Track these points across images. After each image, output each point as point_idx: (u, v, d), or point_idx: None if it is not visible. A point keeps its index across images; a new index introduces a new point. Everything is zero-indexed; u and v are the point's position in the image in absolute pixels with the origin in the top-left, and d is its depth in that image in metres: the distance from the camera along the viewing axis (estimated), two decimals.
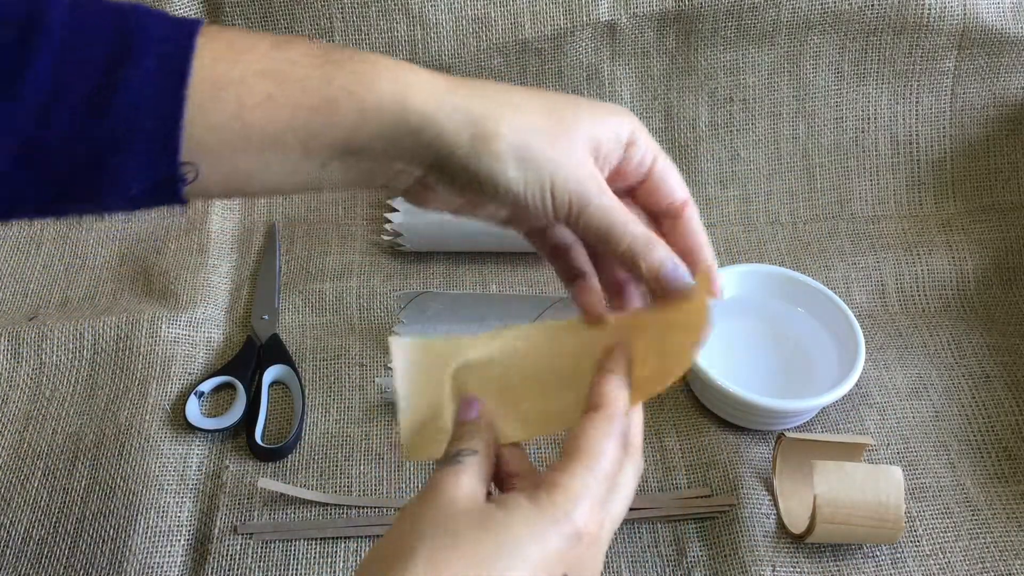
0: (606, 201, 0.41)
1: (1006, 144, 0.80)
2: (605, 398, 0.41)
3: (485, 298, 0.71)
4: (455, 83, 0.39)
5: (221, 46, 0.37)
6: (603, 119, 0.41)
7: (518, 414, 0.45)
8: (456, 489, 0.39)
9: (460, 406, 0.44)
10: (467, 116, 0.38)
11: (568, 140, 0.40)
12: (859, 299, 0.75)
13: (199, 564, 0.58)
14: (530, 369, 0.46)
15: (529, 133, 0.39)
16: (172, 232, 0.78)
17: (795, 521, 0.59)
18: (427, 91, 0.38)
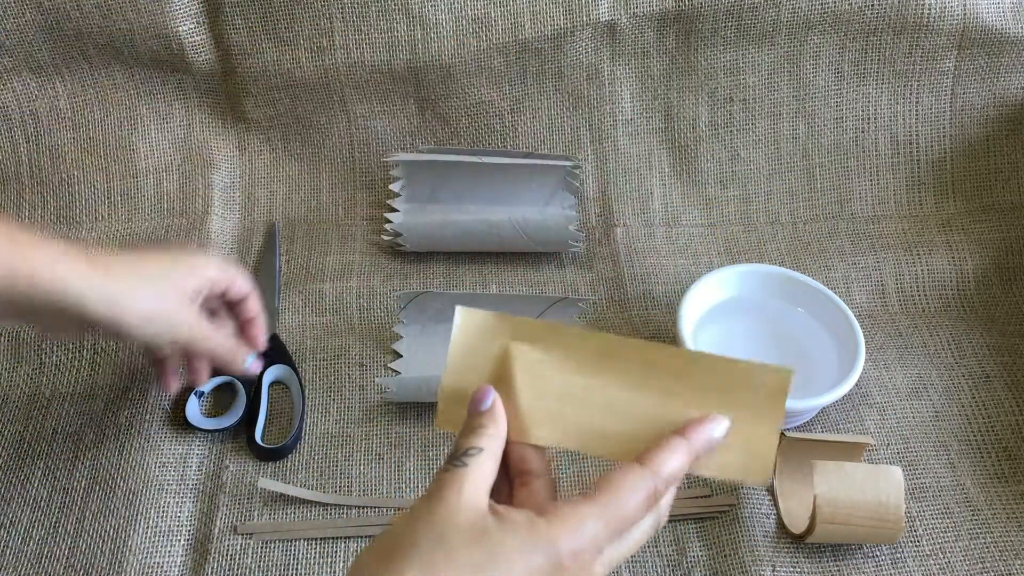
0: (199, 334, 0.58)
1: (1006, 144, 0.80)
2: (658, 462, 0.42)
3: (485, 298, 0.71)
4: (98, 265, 0.52)
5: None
6: (199, 273, 0.58)
7: (556, 419, 0.45)
8: (457, 497, 0.40)
9: (474, 395, 0.45)
10: (106, 297, 0.51)
11: (175, 295, 0.56)
12: (859, 299, 0.75)
13: (199, 564, 0.58)
14: (586, 380, 0.45)
15: (151, 302, 0.54)
16: (172, 232, 0.78)
17: (795, 521, 0.59)
18: (79, 276, 0.50)
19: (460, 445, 0.42)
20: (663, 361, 0.45)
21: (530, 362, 0.45)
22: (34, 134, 0.78)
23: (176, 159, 0.80)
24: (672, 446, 0.42)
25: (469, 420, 0.44)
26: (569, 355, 0.45)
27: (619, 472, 0.41)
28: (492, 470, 0.42)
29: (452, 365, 0.46)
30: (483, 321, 0.46)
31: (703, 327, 0.69)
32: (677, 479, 0.43)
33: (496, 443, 0.43)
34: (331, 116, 0.80)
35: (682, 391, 0.44)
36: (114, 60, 0.77)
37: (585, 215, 0.81)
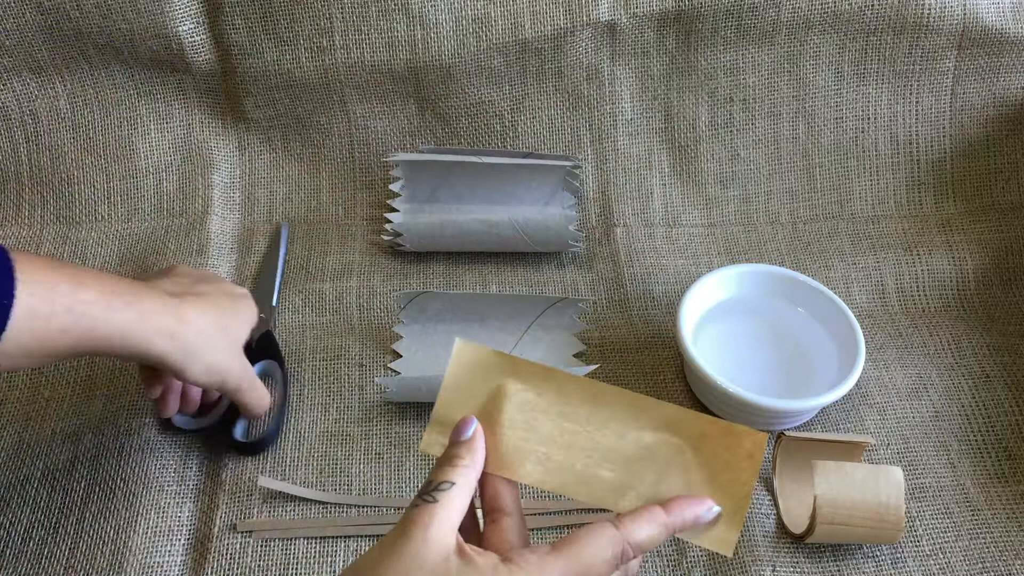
0: (246, 384, 0.59)
1: (1006, 144, 0.80)
2: (632, 529, 0.43)
3: (485, 298, 0.71)
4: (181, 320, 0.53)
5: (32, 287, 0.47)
6: (249, 322, 0.60)
7: (541, 459, 0.46)
8: (424, 535, 0.40)
9: (458, 424, 0.46)
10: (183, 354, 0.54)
11: (234, 347, 0.58)
12: (859, 299, 0.75)
13: (199, 563, 0.58)
14: (575, 425, 0.46)
15: (218, 355, 0.56)
16: (172, 232, 0.78)
17: (795, 521, 0.59)
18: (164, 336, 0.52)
19: (433, 478, 0.43)
20: (649, 413, 0.46)
21: (522, 400, 0.47)
22: (34, 134, 0.78)
23: (176, 159, 0.80)
24: (651, 517, 0.44)
25: (448, 449, 0.45)
26: (560, 398, 0.47)
27: (591, 530, 0.42)
28: (463, 506, 0.43)
29: (445, 395, 0.47)
30: (480, 355, 0.47)
31: (703, 327, 0.69)
32: (648, 549, 0.43)
33: (470, 476, 0.44)
34: (331, 116, 0.80)
35: (664, 447, 0.46)
36: (114, 60, 0.77)
37: (585, 215, 0.81)
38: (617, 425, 0.46)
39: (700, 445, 0.46)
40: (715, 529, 0.45)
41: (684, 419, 0.46)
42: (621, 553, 0.42)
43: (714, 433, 0.46)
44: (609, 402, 0.46)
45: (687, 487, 0.45)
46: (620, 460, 0.46)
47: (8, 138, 0.78)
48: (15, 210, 0.79)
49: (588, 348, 0.71)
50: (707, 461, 0.45)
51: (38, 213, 0.79)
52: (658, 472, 0.46)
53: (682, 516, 0.44)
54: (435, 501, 0.41)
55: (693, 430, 0.46)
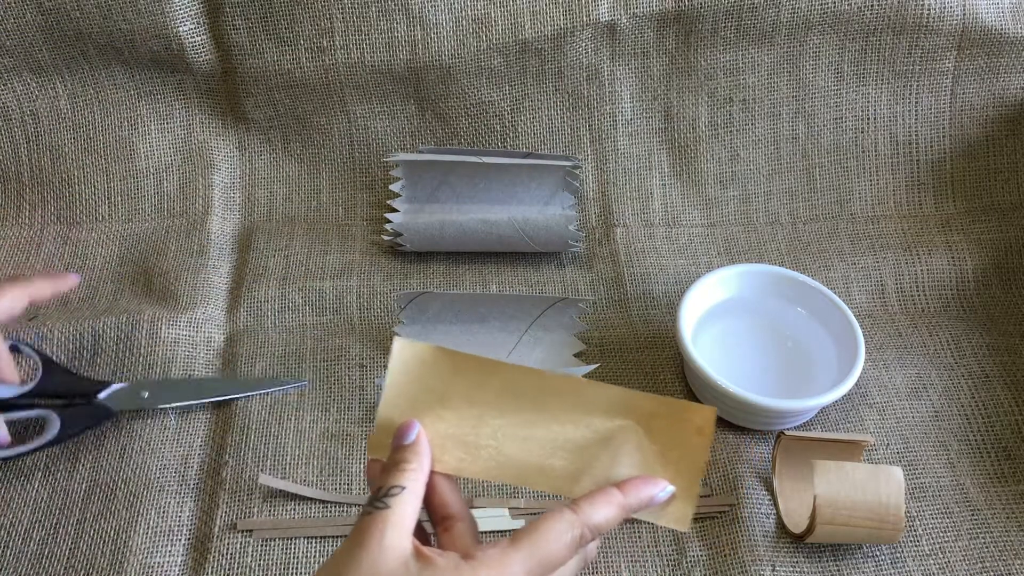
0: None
1: (1006, 144, 0.80)
2: (589, 511, 0.43)
3: (485, 298, 0.71)
4: None
5: None
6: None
7: (494, 453, 0.46)
8: (380, 542, 0.40)
9: (399, 428, 0.45)
10: None
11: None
12: (859, 299, 0.75)
13: (199, 563, 0.58)
14: (524, 416, 0.46)
15: None
16: (172, 233, 0.78)
17: (795, 521, 0.60)
18: None
19: (382, 484, 0.43)
20: (597, 398, 0.46)
21: (469, 396, 0.46)
22: (34, 134, 0.78)
23: (176, 159, 0.80)
24: (607, 499, 0.44)
25: (392, 455, 0.45)
26: (508, 390, 0.46)
27: (548, 517, 0.43)
28: (415, 509, 0.42)
29: (388, 396, 0.47)
30: (421, 353, 0.47)
31: (703, 327, 0.69)
32: (605, 530, 0.44)
33: (419, 478, 0.43)
34: (331, 116, 0.80)
35: (615, 430, 0.46)
36: (114, 60, 0.77)
37: (585, 215, 0.81)
38: (567, 413, 0.46)
39: (651, 425, 0.46)
40: (671, 507, 0.46)
41: (632, 401, 0.46)
42: (580, 536, 0.43)
43: (663, 412, 0.46)
44: (557, 391, 0.46)
45: (641, 467, 0.46)
46: (572, 447, 0.46)
47: (8, 138, 0.78)
48: (15, 210, 0.79)
49: (588, 348, 0.71)
50: (658, 440, 0.46)
51: (38, 213, 0.79)
52: (611, 455, 0.46)
53: (637, 496, 0.45)
54: (387, 507, 0.41)
55: (643, 411, 0.46)
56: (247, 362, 0.70)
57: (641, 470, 0.46)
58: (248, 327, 0.72)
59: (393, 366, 0.47)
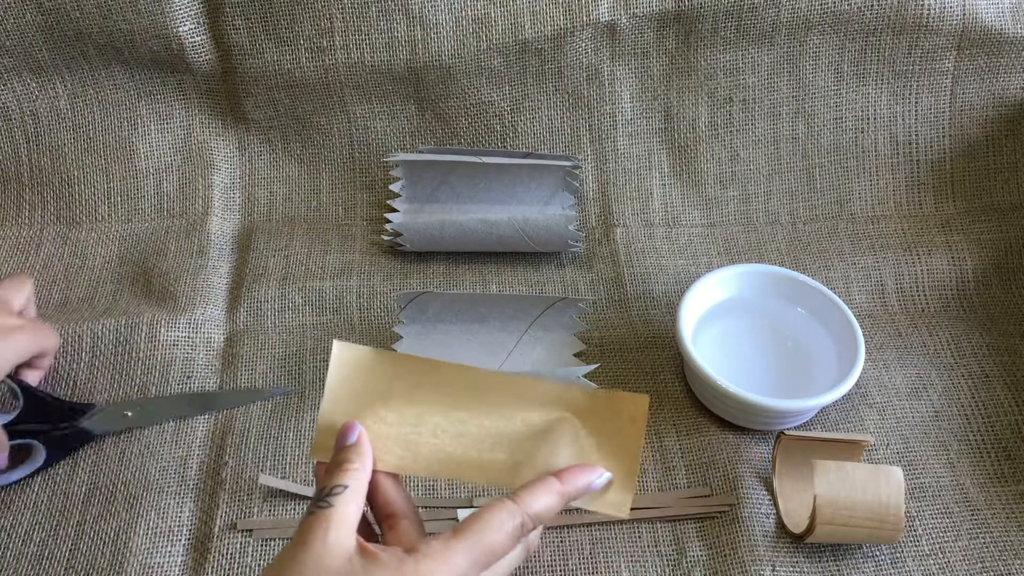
0: None
1: (1006, 144, 0.80)
2: (529, 501, 0.45)
3: (485, 298, 0.71)
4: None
5: None
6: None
7: (434, 450, 0.47)
8: (323, 540, 0.41)
9: (341, 429, 0.47)
10: None
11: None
12: (859, 299, 0.75)
13: (199, 564, 0.58)
14: (461, 413, 0.48)
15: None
16: (172, 233, 0.78)
17: (795, 521, 0.60)
18: None
19: (325, 484, 0.44)
20: (534, 393, 0.48)
21: (408, 396, 0.48)
22: (34, 134, 0.78)
23: (176, 159, 0.80)
24: (546, 487, 0.45)
25: (335, 456, 0.46)
26: (446, 389, 0.48)
27: (489, 508, 0.44)
28: (358, 507, 0.43)
29: (329, 398, 0.48)
30: (360, 356, 0.48)
31: (703, 327, 0.69)
32: (546, 518, 0.45)
33: (361, 477, 0.45)
34: (331, 116, 0.80)
35: (552, 423, 0.48)
36: (114, 60, 0.77)
37: (585, 215, 0.81)
38: (505, 408, 0.48)
39: (587, 417, 0.48)
40: (609, 494, 0.47)
41: (568, 395, 0.48)
42: (520, 525, 0.44)
43: (598, 405, 0.48)
44: (495, 388, 0.48)
45: (578, 457, 0.47)
46: (511, 441, 0.48)
47: (8, 138, 0.78)
48: (15, 210, 0.79)
49: (588, 348, 0.71)
50: (595, 431, 0.48)
51: (38, 213, 0.79)
52: (550, 447, 0.47)
53: (575, 484, 0.46)
54: (330, 506, 0.42)
55: (578, 405, 0.48)
56: (247, 363, 0.70)
57: (579, 460, 0.47)
58: (248, 327, 0.72)
59: (333, 369, 0.48)
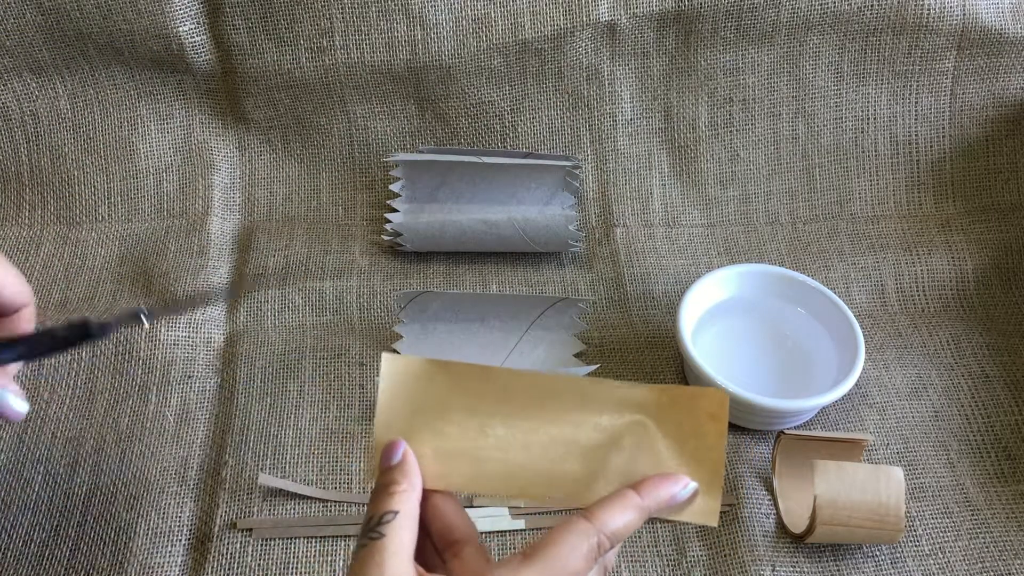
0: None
1: (1006, 144, 0.80)
2: (605, 518, 0.41)
3: (485, 298, 0.71)
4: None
5: None
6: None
7: (499, 466, 0.43)
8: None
9: (384, 450, 0.43)
10: None
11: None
12: (859, 299, 0.75)
13: (199, 564, 0.58)
14: (526, 422, 0.44)
15: None
16: (172, 233, 0.78)
17: (795, 521, 0.60)
18: None
19: (373, 512, 0.40)
20: (600, 395, 0.44)
21: (467, 406, 0.44)
22: (34, 134, 0.78)
23: (176, 159, 0.80)
24: (623, 503, 0.42)
25: (379, 478, 0.42)
26: (507, 397, 0.44)
27: (562, 528, 0.40)
28: (412, 533, 0.40)
29: (382, 416, 0.44)
30: (413, 367, 0.44)
31: (703, 327, 0.69)
32: (624, 535, 0.42)
33: (411, 499, 0.41)
34: (331, 116, 0.80)
35: (624, 427, 0.44)
36: (114, 60, 0.77)
37: (585, 215, 0.81)
38: (572, 414, 0.44)
39: (660, 417, 0.43)
40: (695, 502, 0.43)
41: (638, 395, 0.44)
42: (597, 545, 0.40)
43: (671, 402, 0.44)
44: (557, 392, 0.44)
45: (657, 464, 0.43)
46: (582, 449, 0.43)
47: (8, 138, 0.78)
48: (15, 210, 0.79)
49: (588, 348, 0.71)
50: (671, 432, 0.43)
51: (38, 213, 0.79)
52: (624, 455, 0.43)
53: (656, 497, 0.42)
54: (382, 536, 0.39)
55: (649, 403, 0.44)
56: (247, 362, 0.70)
57: (657, 468, 0.43)
58: (248, 327, 0.72)
59: (384, 384, 0.44)
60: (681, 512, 0.43)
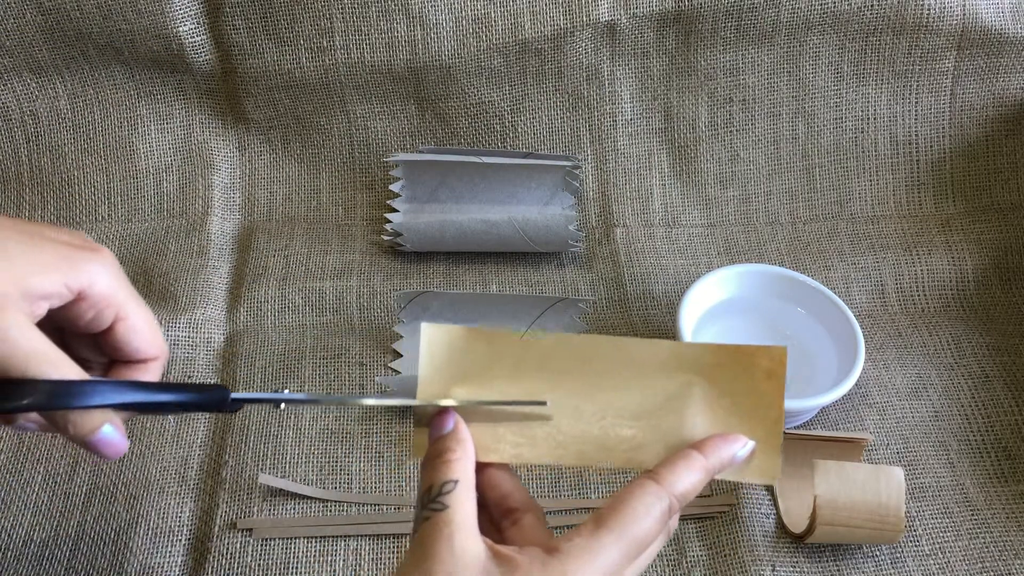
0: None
1: (1006, 144, 0.80)
2: (673, 479, 0.39)
3: (485, 298, 0.71)
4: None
5: None
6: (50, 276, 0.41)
7: (549, 435, 0.41)
8: (450, 548, 0.36)
9: (434, 420, 0.41)
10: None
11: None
12: (859, 299, 0.75)
13: (199, 563, 0.58)
14: (574, 386, 0.42)
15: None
16: (172, 234, 0.78)
17: (795, 521, 0.60)
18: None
19: (432, 482, 0.38)
20: (650, 355, 0.42)
21: (510, 376, 0.42)
22: (34, 134, 0.78)
23: (176, 159, 0.80)
24: (689, 463, 0.40)
25: (432, 449, 0.40)
26: (549, 362, 0.42)
27: (632, 492, 0.38)
28: (473, 504, 0.38)
29: (424, 388, 0.42)
30: (454, 336, 0.42)
31: (703, 327, 0.69)
32: (691, 498, 0.40)
33: (468, 467, 0.39)
34: (331, 116, 0.80)
35: (676, 387, 0.42)
36: (114, 60, 0.77)
37: (585, 215, 0.81)
38: (621, 377, 0.42)
39: (714, 376, 0.42)
40: (754, 462, 0.42)
41: (689, 353, 0.42)
42: (668, 508, 0.39)
43: (726, 360, 0.42)
44: (603, 354, 0.42)
45: (713, 424, 0.42)
46: (634, 413, 0.41)
47: (8, 138, 0.78)
48: (15, 210, 0.79)
49: None
50: (726, 391, 0.42)
51: (38, 213, 0.79)
52: (679, 416, 0.42)
53: (719, 456, 0.41)
54: (445, 507, 0.37)
55: (703, 362, 0.42)
56: (247, 362, 0.70)
57: (715, 428, 0.42)
58: (248, 327, 0.73)
59: (425, 355, 0.42)
60: (741, 472, 0.42)
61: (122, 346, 0.45)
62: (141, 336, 0.45)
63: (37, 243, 0.41)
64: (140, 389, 0.42)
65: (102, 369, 0.46)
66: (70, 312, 0.43)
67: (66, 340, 0.44)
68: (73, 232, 0.44)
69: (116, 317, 0.44)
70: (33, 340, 0.39)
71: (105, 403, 0.41)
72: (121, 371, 0.45)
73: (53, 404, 0.39)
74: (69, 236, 0.43)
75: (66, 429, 0.40)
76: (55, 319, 0.42)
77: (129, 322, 0.44)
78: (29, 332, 0.39)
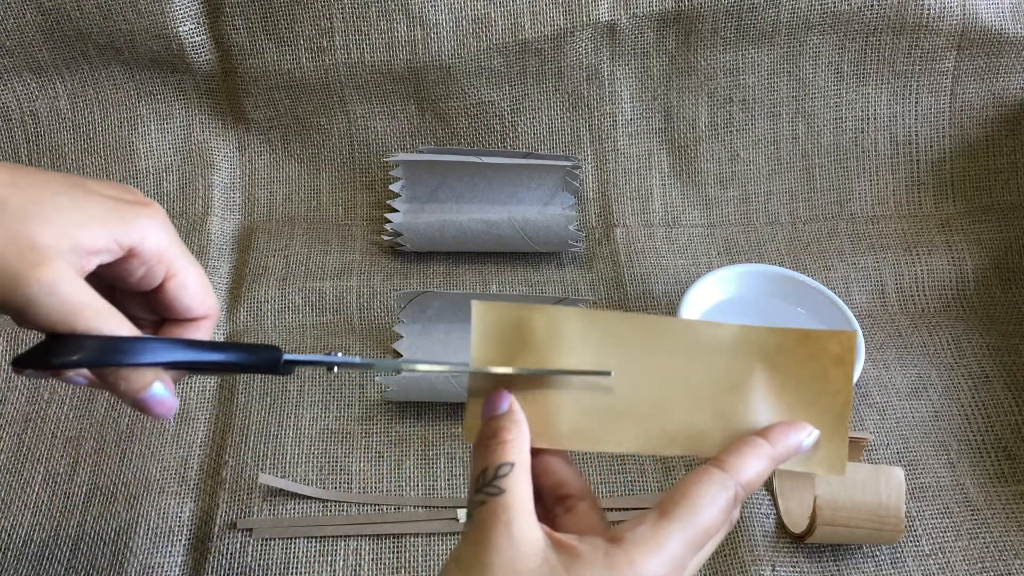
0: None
1: (1006, 144, 0.80)
2: (739, 467, 0.38)
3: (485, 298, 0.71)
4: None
5: None
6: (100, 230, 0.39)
7: (610, 418, 0.40)
8: (508, 536, 0.34)
9: (488, 400, 0.39)
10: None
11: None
12: (859, 299, 0.75)
13: (199, 563, 0.58)
14: (635, 367, 0.40)
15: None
16: None
17: (795, 521, 0.60)
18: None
19: (486, 465, 0.36)
20: (714, 338, 0.40)
21: (569, 354, 0.40)
22: (34, 134, 0.78)
23: (176, 159, 0.80)
24: (755, 451, 0.38)
25: (485, 430, 0.38)
26: (610, 341, 0.40)
27: (697, 480, 0.37)
28: (530, 486, 0.36)
29: (473, 369, 0.40)
30: (507, 314, 0.40)
31: None
32: (756, 486, 0.38)
33: (524, 450, 0.37)
34: (331, 116, 0.80)
35: (741, 373, 0.40)
36: (114, 60, 0.77)
37: (585, 215, 0.81)
38: (684, 360, 0.40)
39: (779, 361, 0.40)
40: (819, 452, 0.40)
41: (755, 337, 0.40)
42: (734, 497, 0.37)
43: (791, 344, 0.40)
44: (667, 334, 0.40)
45: (777, 412, 0.40)
46: (698, 398, 0.40)
47: (8, 138, 0.78)
48: None
49: None
50: (792, 377, 0.40)
51: None
52: (743, 402, 0.40)
53: (785, 444, 0.39)
54: (502, 491, 0.35)
55: (769, 347, 0.40)
56: None
57: (780, 415, 0.40)
58: (248, 327, 0.73)
59: (477, 334, 0.40)
60: (806, 463, 0.40)
61: (173, 304, 0.43)
62: (192, 294, 0.43)
63: (86, 197, 0.39)
64: (192, 347, 0.41)
65: (152, 327, 0.45)
66: (120, 269, 0.41)
67: (116, 298, 0.42)
68: (123, 186, 0.43)
69: (167, 274, 0.43)
70: (83, 294, 0.37)
71: (157, 361, 0.39)
72: (171, 329, 0.44)
73: (104, 360, 0.38)
74: (119, 191, 0.42)
75: (116, 386, 0.39)
76: (105, 276, 0.41)
77: (180, 279, 0.43)
78: (79, 285, 0.37)
